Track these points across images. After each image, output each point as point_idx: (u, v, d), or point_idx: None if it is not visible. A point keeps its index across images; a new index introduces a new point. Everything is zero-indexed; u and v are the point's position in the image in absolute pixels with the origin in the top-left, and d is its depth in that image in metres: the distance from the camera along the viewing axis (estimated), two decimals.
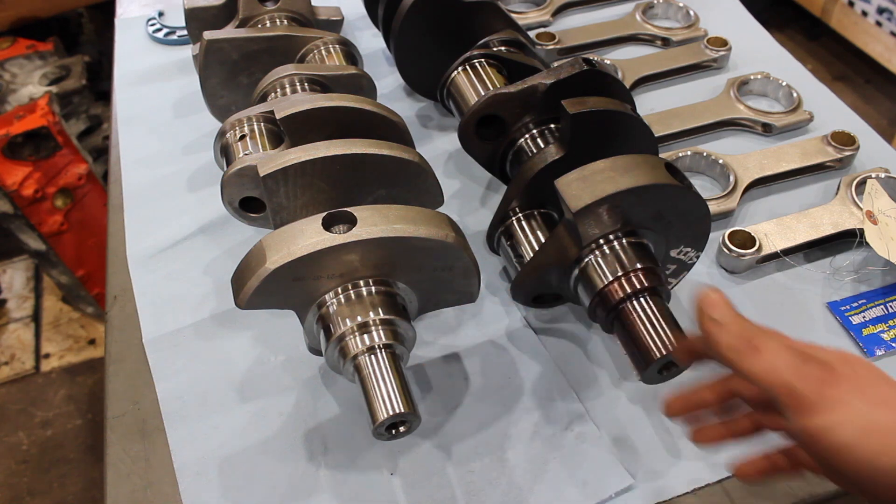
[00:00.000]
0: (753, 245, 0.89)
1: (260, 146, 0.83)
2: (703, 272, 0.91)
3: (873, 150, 1.05)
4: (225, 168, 0.83)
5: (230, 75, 1.01)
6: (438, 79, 0.98)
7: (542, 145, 0.87)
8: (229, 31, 1.01)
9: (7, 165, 1.94)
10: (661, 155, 0.84)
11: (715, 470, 0.73)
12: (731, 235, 0.90)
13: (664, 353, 0.68)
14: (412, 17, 1.02)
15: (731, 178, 0.98)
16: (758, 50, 1.24)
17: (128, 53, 1.33)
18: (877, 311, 0.86)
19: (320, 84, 0.95)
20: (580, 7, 1.36)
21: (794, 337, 0.56)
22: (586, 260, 0.74)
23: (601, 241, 0.74)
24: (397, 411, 0.65)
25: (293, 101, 0.84)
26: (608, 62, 1.18)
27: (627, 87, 1.00)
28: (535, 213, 0.84)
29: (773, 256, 0.91)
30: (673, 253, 0.79)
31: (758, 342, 0.54)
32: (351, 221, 0.68)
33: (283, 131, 0.83)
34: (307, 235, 0.67)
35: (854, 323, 0.85)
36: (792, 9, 3.11)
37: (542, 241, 0.81)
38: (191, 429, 0.79)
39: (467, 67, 0.96)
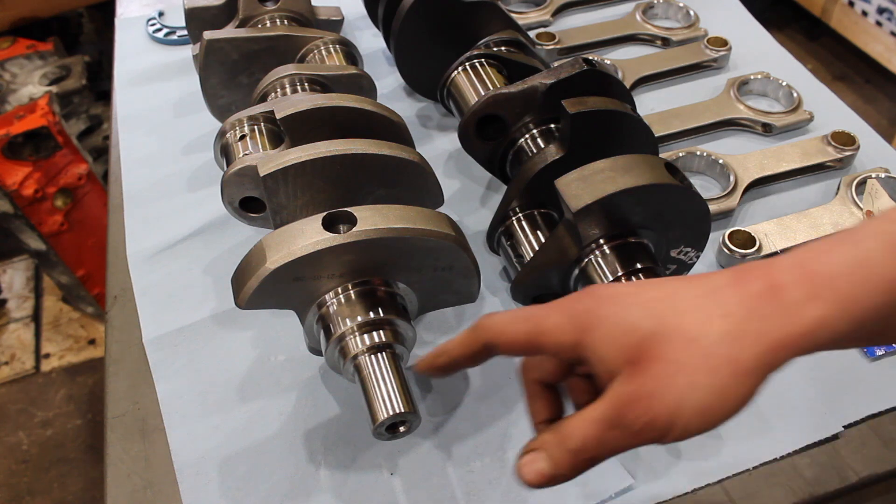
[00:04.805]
0: (753, 245, 0.89)
1: (260, 146, 0.83)
2: (703, 272, 0.91)
3: (873, 150, 1.05)
4: (225, 168, 0.83)
5: (230, 75, 1.01)
6: (438, 79, 0.98)
7: (542, 145, 0.87)
8: (229, 31, 1.01)
9: (7, 165, 1.94)
10: (661, 155, 0.84)
11: (715, 470, 0.73)
12: (731, 235, 0.90)
13: None
14: (412, 17, 1.02)
15: (731, 178, 0.98)
16: (758, 50, 1.24)
17: (128, 53, 1.33)
18: None
19: (320, 84, 0.95)
20: (580, 7, 1.36)
21: None
22: (586, 260, 0.74)
23: (601, 240, 0.74)
24: (397, 411, 0.65)
25: (293, 101, 0.84)
26: (608, 62, 1.18)
27: (627, 87, 1.00)
28: (535, 213, 0.84)
29: (773, 256, 0.91)
30: (673, 253, 0.79)
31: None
32: (351, 221, 0.68)
33: (283, 131, 0.83)
34: (307, 235, 0.67)
35: None
36: (792, 9, 3.11)
37: (542, 241, 0.81)
38: (191, 429, 0.79)
39: (467, 67, 0.96)
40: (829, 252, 0.43)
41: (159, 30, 1.36)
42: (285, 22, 1.10)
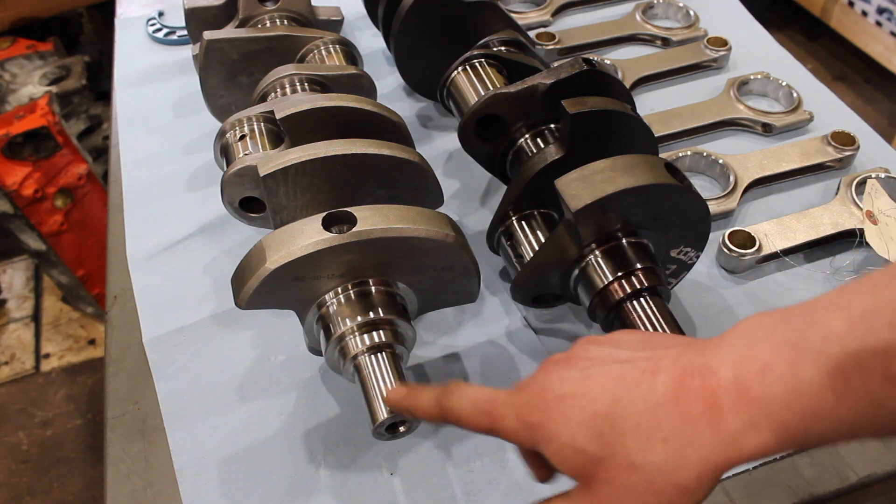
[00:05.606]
0: (753, 245, 0.89)
1: (260, 146, 0.83)
2: (703, 272, 0.91)
3: (873, 150, 1.05)
4: (225, 168, 0.83)
5: (230, 75, 1.01)
6: (438, 79, 0.98)
7: (542, 145, 0.87)
8: (229, 31, 1.01)
9: (7, 165, 1.94)
10: (661, 155, 0.84)
11: None
12: (731, 235, 0.90)
13: None
14: (412, 17, 1.02)
15: (731, 178, 0.98)
16: (758, 50, 1.24)
17: (128, 53, 1.33)
18: None
19: (320, 84, 0.95)
20: (580, 7, 1.36)
21: None
22: (586, 260, 0.74)
23: (601, 241, 0.74)
24: None
25: (293, 101, 0.84)
26: (608, 62, 1.18)
27: (627, 87, 1.00)
28: (535, 213, 0.84)
29: (773, 256, 0.91)
30: (673, 253, 0.79)
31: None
32: (351, 221, 0.68)
33: (283, 131, 0.83)
34: (307, 235, 0.67)
35: None
36: (792, 9, 3.11)
37: (542, 241, 0.81)
38: (191, 429, 0.79)
39: (467, 67, 0.96)
40: (767, 372, 0.43)
41: (159, 30, 1.36)
42: (285, 22, 1.10)
